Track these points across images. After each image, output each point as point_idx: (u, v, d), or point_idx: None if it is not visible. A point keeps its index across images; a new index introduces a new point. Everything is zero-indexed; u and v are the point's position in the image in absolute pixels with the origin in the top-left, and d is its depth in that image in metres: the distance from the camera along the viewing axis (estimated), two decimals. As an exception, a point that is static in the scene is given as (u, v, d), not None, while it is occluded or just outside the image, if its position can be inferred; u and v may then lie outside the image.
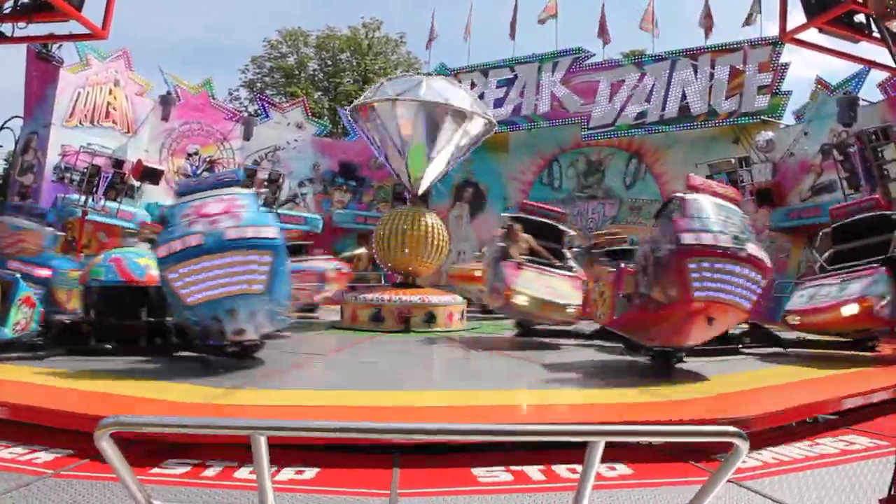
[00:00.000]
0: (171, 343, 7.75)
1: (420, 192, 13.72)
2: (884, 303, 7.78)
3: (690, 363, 7.21)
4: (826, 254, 9.56)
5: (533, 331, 10.19)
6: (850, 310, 7.86)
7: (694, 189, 6.92)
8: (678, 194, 6.82)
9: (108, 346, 7.45)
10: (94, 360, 6.85)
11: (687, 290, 6.15)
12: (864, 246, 8.79)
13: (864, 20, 4.08)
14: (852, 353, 8.41)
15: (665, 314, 6.57)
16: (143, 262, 7.92)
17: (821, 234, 10.17)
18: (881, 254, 8.50)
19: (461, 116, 13.28)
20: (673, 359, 7.07)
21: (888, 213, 9.16)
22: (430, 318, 11.86)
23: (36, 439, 4.24)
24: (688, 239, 6.24)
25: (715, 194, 6.93)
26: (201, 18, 72.52)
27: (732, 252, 6.22)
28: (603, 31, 24.15)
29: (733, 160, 18.84)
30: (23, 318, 7.18)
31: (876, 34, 3.99)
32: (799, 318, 8.64)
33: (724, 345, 8.27)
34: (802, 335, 9.07)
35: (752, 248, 6.32)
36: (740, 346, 8.77)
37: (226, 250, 5.88)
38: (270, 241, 6.11)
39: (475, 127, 13.77)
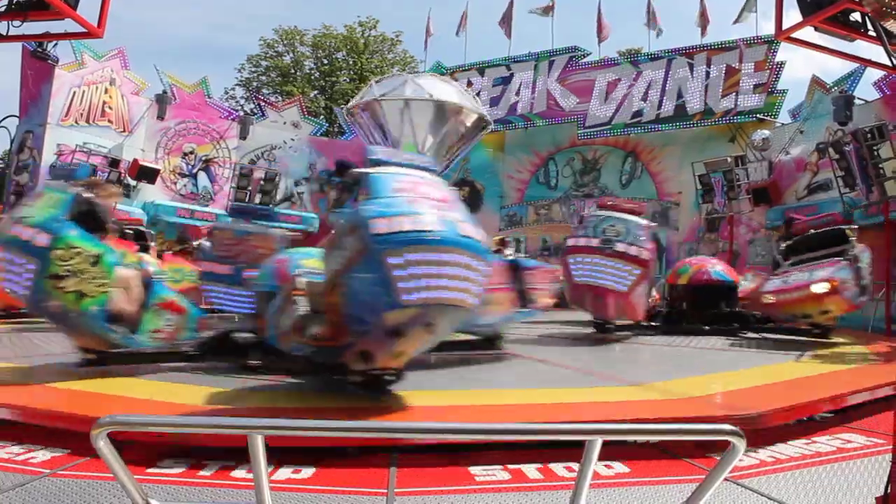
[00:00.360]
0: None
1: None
2: (847, 286, 9.29)
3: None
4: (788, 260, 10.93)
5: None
6: (821, 287, 9.30)
7: (602, 206, 10.68)
8: (583, 212, 10.26)
9: (256, 363, 6.36)
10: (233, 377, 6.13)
11: (570, 276, 9.69)
12: (820, 255, 10.12)
13: (859, 18, 4.08)
14: (810, 339, 9.82)
15: (574, 294, 10.12)
16: (309, 265, 6.17)
17: (784, 244, 11.47)
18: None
19: (458, 114, 13.29)
20: (606, 328, 10.22)
21: (843, 227, 10.56)
22: None
23: (33, 439, 4.23)
24: (570, 242, 10.15)
25: (616, 208, 10.37)
26: (197, 17, 72.44)
27: (599, 249, 9.40)
28: (600, 30, 24.19)
29: (729, 159, 18.86)
30: (166, 325, 6.40)
31: (871, 32, 4.00)
32: (773, 296, 10.01)
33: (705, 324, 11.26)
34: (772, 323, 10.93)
35: (622, 247, 9.31)
36: (712, 326, 11.24)
37: (459, 248, 4.49)
38: (487, 251, 4.85)
39: (471, 125, 13.79)
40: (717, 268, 11.85)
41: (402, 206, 4.56)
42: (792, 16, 4.63)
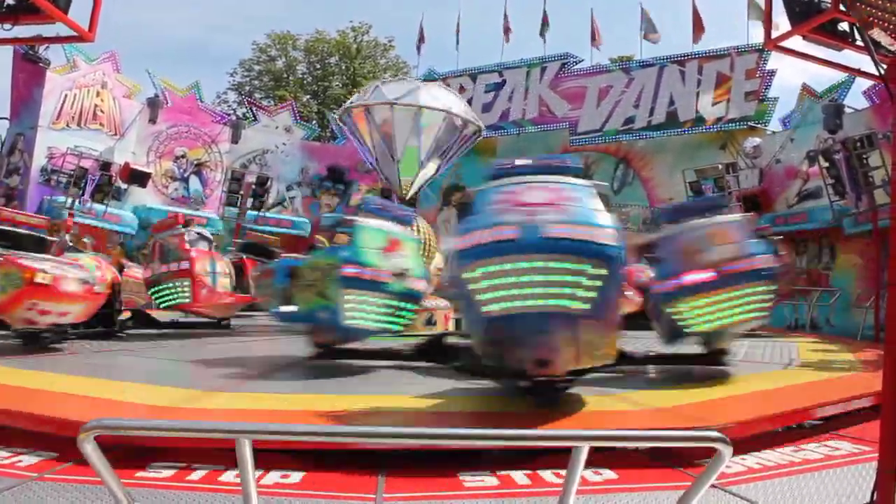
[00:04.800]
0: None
1: (408, 196, 13.72)
2: None
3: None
4: None
5: None
6: None
7: None
8: None
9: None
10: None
11: None
12: None
13: (847, 28, 4.11)
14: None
15: None
16: None
17: None
18: None
19: (450, 121, 13.31)
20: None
21: None
22: (430, 321, 11.57)
23: (19, 442, 4.21)
24: None
25: None
26: (189, 21, 72.37)
27: None
28: (594, 37, 24.28)
29: (720, 166, 18.94)
30: None
31: (859, 42, 4.03)
32: None
33: None
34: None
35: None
36: None
37: (543, 251, 4.28)
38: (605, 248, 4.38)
39: (464, 131, 13.81)
40: None
41: (487, 218, 4.55)
42: (782, 25, 4.67)
